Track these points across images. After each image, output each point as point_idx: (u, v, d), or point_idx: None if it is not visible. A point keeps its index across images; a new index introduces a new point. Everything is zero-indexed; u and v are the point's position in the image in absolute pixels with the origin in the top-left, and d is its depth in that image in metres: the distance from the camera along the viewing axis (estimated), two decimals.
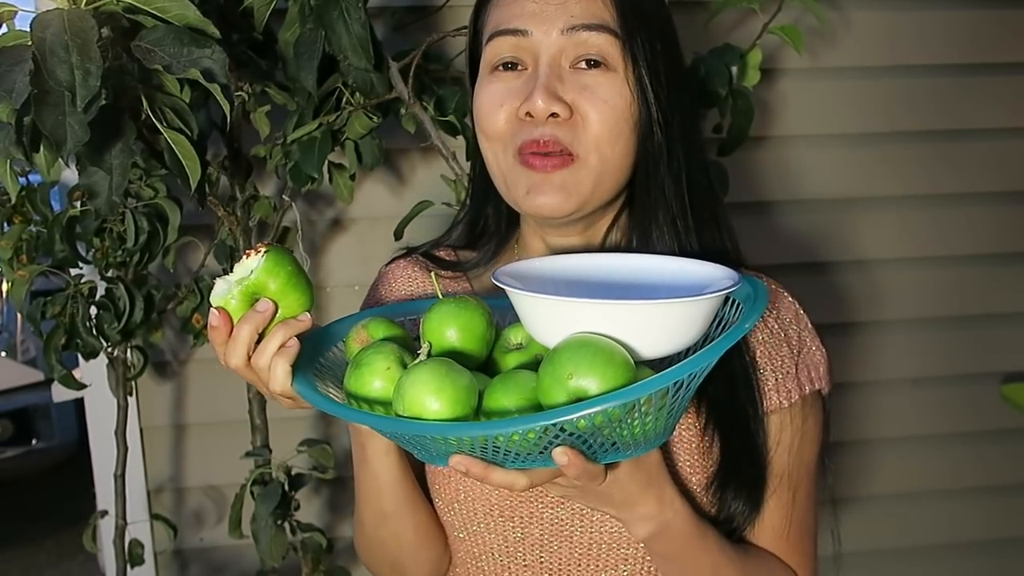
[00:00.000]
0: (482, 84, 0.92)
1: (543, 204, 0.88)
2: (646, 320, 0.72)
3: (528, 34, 0.88)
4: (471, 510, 0.96)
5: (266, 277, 0.78)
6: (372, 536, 1.02)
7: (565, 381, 0.69)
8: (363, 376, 0.75)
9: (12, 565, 3.50)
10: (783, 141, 1.83)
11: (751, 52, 1.45)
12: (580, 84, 0.87)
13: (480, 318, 0.79)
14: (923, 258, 1.91)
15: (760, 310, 0.76)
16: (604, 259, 0.88)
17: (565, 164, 0.87)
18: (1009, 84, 1.86)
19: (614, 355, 0.70)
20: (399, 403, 0.72)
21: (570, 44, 0.87)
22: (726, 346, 0.71)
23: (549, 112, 0.86)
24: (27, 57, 0.84)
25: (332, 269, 1.79)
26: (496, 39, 0.90)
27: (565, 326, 0.73)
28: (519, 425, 0.67)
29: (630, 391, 0.67)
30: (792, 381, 0.94)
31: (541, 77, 0.87)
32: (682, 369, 0.69)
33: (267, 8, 1.24)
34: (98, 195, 0.96)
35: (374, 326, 0.82)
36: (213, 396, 1.80)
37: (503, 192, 0.94)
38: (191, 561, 1.88)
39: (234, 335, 0.79)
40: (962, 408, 1.98)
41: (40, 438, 3.62)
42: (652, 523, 0.84)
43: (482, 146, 0.94)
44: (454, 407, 0.70)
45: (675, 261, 0.86)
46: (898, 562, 2.03)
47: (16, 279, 1.53)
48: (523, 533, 0.95)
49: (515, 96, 0.88)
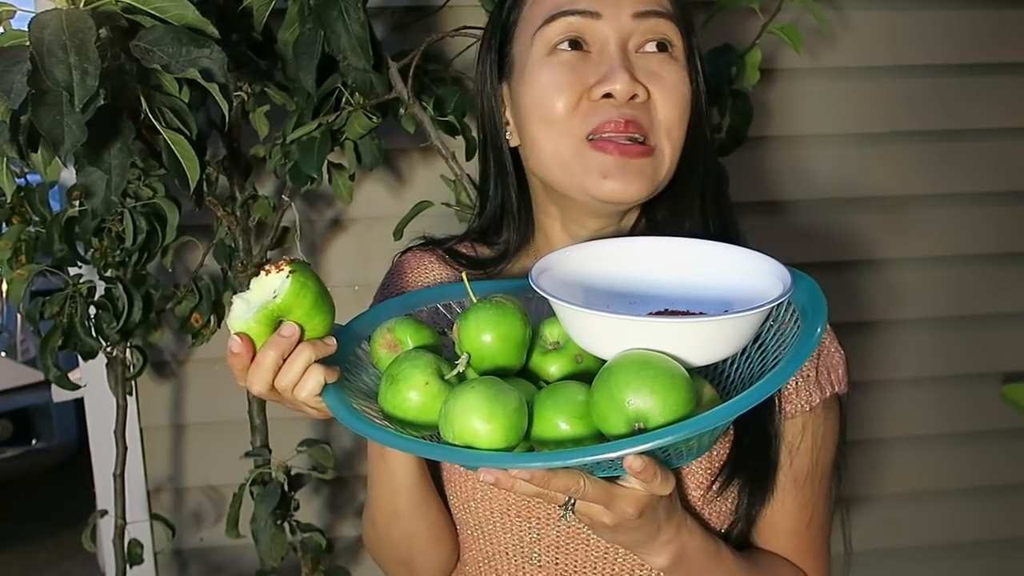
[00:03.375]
0: (539, 66, 0.88)
1: (620, 190, 0.86)
2: (703, 334, 0.70)
3: (599, 15, 0.86)
4: (487, 509, 0.95)
5: (292, 300, 0.74)
6: (383, 534, 1.01)
7: (624, 406, 0.66)
8: (400, 392, 0.72)
9: (12, 565, 3.50)
10: (783, 141, 1.82)
11: (751, 52, 1.45)
12: (648, 70, 0.87)
13: (518, 322, 0.76)
14: (923, 258, 1.90)
15: (823, 317, 0.72)
16: (639, 244, 0.85)
17: (648, 153, 0.86)
18: (1009, 84, 1.85)
19: (674, 377, 0.67)
20: (447, 429, 0.69)
21: (640, 28, 0.87)
22: (796, 367, 0.68)
23: (632, 93, 0.84)
24: (25, 57, 0.83)
25: (332, 269, 1.79)
26: (560, 19, 0.87)
27: (618, 341, 0.70)
28: (580, 457, 0.65)
29: (696, 423, 0.64)
30: (813, 384, 0.93)
31: (618, 59, 0.85)
32: (751, 397, 0.65)
33: (266, 8, 1.23)
34: (96, 195, 0.95)
35: (400, 328, 0.79)
36: (212, 396, 1.80)
37: (561, 179, 0.89)
38: (190, 561, 1.87)
39: (258, 361, 0.75)
40: (962, 408, 1.98)
41: (40, 438, 3.61)
42: (672, 546, 0.81)
43: (535, 136, 0.89)
44: (506, 434, 0.68)
45: (713, 246, 0.82)
46: (899, 562, 2.03)
47: (15, 279, 1.53)
48: (539, 534, 0.94)
49: (584, 78, 0.86)
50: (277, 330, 0.75)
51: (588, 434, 0.70)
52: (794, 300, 0.76)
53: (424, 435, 0.75)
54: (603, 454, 0.64)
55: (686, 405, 0.67)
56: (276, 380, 0.76)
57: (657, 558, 0.82)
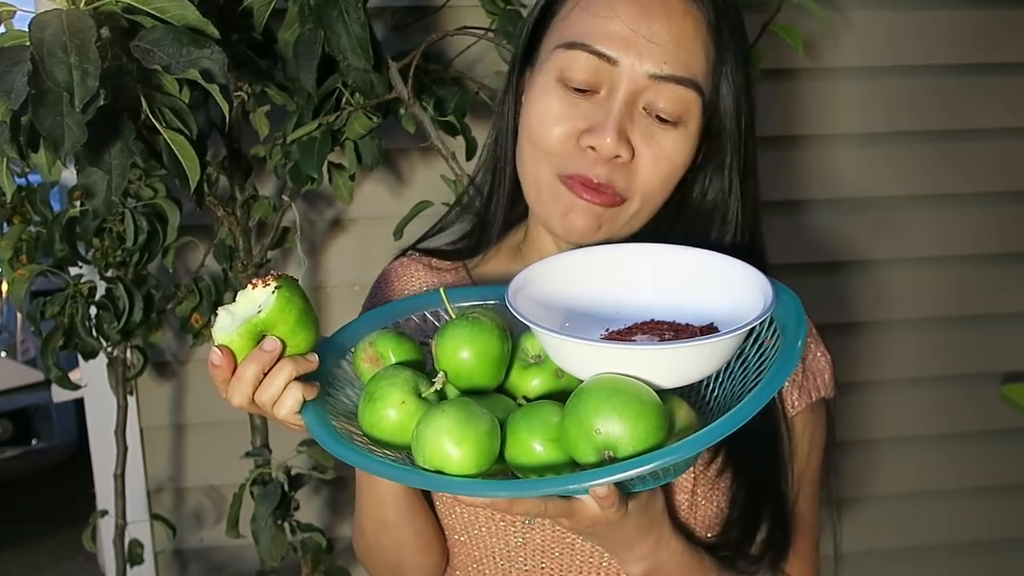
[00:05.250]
0: (544, 92, 0.86)
1: (575, 228, 0.86)
2: (680, 358, 0.69)
3: (616, 63, 0.82)
4: (473, 514, 0.96)
5: (276, 316, 0.73)
6: (372, 542, 1.01)
7: (592, 434, 0.66)
8: (377, 411, 0.73)
9: (12, 565, 3.50)
10: (783, 141, 1.82)
11: (751, 52, 1.45)
12: (648, 131, 0.84)
13: (496, 339, 0.75)
14: (923, 258, 1.91)
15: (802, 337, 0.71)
16: (626, 251, 0.84)
17: (612, 204, 0.85)
18: (1009, 84, 1.86)
19: (644, 403, 0.67)
20: (419, 452, 0.69)
21: (653, 88, 0.83)
22: (772, 392, 0.67)
23: (616, 154, 0.82)
24: (25, 57, 0.83)
25: (332, 269, 1.79)
26: (576, 52, 0.84)
27: (592, 365, 0.70)
28: (546, 489, 0.65)
29: (664, 454, 0.64)
30: (799, 389, 0.93)
31: (615, 113, 0.82)
32: (719, 428, 0.64)
33: (267, 8, 1.23)
34: (97, 195, 0.96)
35: (382, 342, 0.79)
36: (213, 396, 1.78)
37: (532, 199, 0.90)
38: (191, 561, 1.87)
39: (238, 374, 0.75)
40: (962, 408, 1.98)
41: (40, 438, 3.61)
42: (646, 562, 0.82)
43: (523, 148, 0.89)
44: (477, 457, 0.68)
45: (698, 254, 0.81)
46: (898, 562, 2.02)
47: (16, 279, 1.53)
48: (524, 539, 0.94)
49: (579, 119, 0.84)
50: (259, 344, 0.74)
51: (562, 457, 0.70)
52: (775, 316, 0.75)
53: (402, 454, 0.75)
54: (569, 485, 0.65)
55: (656, 433, 0.67)
56: (256, 395, 0.75)
57: (632, 567, 0.83)
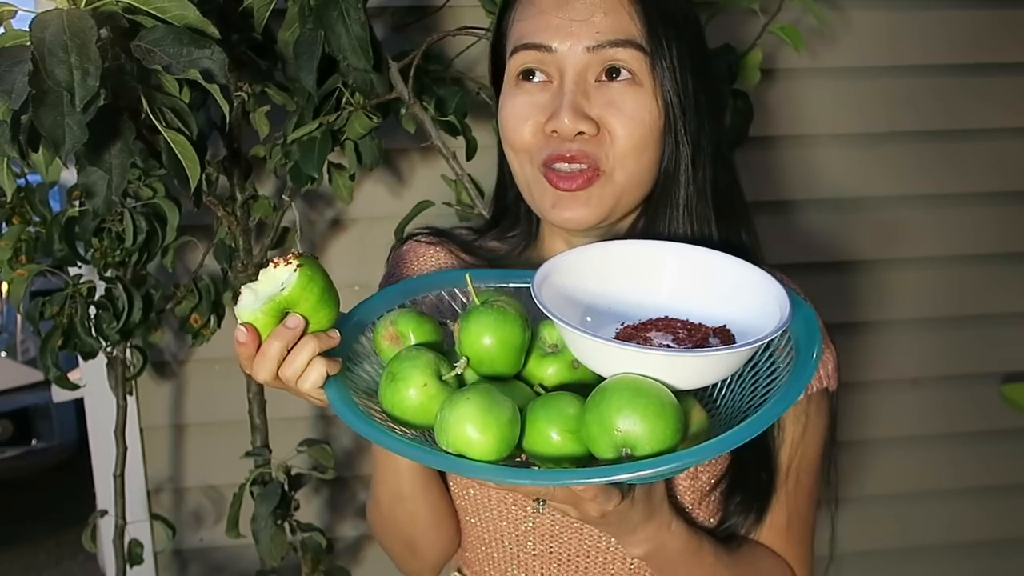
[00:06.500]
0: (507, 95, 0.91)
1: (568, 218, 0.89)
2: (697, 365, 0.72)
3: (552, 50, 0.87)
4: (485, 496, 0.98)
5: (299, 294, 0.76)
6: (387, 514, 1.03)
7: (613, 431, 0.69)
8: (400, 391, 0.75)
9: (12, 565, 3.50)
10: (783, 141, 1.82)
11: (751, 52, 1.45)
12: (606, 99, 0.86)
13: (518, 329, 0.78)
14: (923, 258, 1.91)
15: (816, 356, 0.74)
16: (647, 247, 0.85)
17: (591, 182, 0.87)
18: (1009, 84, 1.85)
19: (664, 406, 0.70)
20: (442, 436, 0.72)
21: (596, 60, 0.86)
22: (788, 405, 0.70)
23: (576, 131, 0.85)
24: (26, 57, 0.83)
25: (332, 269, 1.74)
26: (520, 52, 0.89)
27: (611, 364, 0.73)
28: (566, 479, 0.68)
29: (679, 457, 0.67)
30: None
31: (567, 95, 0.86)
32: (734, 437, 0.68)
33: (267, 8, 1.23)
34: (96, 195, 0.96)
35: (403, 321, 0.82)
36: (212, 396, 1.80)
37: (528, 199, 0.94)
38: (191, 561, 1.87)
39: (263, 350, 0.77)
40: (962, 408, 1.98)
41: (40, 438, 3.61)
42: (648, 544, 0.85)
43: (508, 155, 0.93)
44: (499, 444, 0.71)
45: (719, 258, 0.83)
46: (898, 562, 2.03)
47: (15, 279, 1.53)
48: (534, 523, 0.97)
49: (541, 111, 0.88)
50: (283, 321, 0.77)
51: (578, 448, 0.73)
52: (790, 329, 0.77)
53: (420, 433, 0.77)
54: (591, 479, 0.67)
55: (673, 436, 0.69)
56: (280, 370, 0.77)
57: (634, 549, 0.85)
